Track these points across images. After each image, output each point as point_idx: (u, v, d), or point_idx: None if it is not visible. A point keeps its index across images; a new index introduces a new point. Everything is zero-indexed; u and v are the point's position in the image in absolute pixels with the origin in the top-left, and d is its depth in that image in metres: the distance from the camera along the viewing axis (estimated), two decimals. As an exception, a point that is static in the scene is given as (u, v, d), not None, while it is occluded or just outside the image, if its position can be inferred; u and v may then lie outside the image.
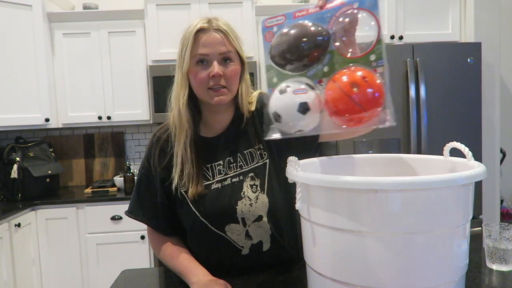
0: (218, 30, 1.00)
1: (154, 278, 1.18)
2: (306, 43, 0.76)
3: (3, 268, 2.17)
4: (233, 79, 1.02)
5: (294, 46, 0.77)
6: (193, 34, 0.98)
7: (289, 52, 0.78)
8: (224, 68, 1.00)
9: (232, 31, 1.03)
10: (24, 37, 2.60)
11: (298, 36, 0.77)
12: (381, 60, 0.73)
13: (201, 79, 0.99)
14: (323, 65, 0.78)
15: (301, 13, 0.80)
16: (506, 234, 1.02)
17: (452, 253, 0.71)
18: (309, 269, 0.81)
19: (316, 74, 0.79)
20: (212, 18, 1.02)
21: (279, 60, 0.79)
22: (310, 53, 0.77)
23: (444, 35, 2.64)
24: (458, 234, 0.71)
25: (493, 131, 2.62)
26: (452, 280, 0.72)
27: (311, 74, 0.79)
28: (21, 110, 2.60)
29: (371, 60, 0.74)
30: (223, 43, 1.00)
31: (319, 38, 0.76)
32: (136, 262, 2.54)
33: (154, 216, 1.11)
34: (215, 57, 0.99)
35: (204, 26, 0.99)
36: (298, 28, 0.78)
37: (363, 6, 0.74)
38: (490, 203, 2.61)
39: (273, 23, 0.81)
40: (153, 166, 1.08)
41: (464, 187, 0.70)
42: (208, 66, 0.99)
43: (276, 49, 0.79)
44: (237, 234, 1.05)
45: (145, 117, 2.81)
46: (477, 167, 0.72)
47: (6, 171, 2.60)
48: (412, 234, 0.68)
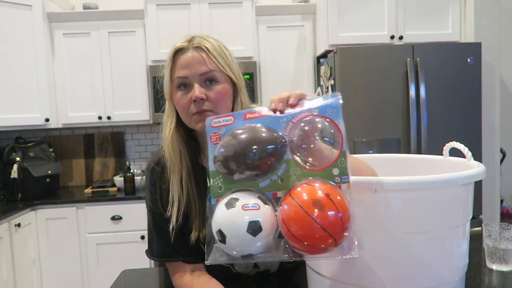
0: (197, 49, 0.90)
1: (154, 278, 1.18)
2: (258, 150, 0.66)
3: (3, 268, 2.17)
4: (220, 101, 0.91)
5: (244, 152, 0.66)
6: (171, 55, 0.91)
7: (239, 159, 0.66)
8: (208, 90, 0.89)
9: (215, 49, 0.92)
10: (24, 37, 2.60)
11: (249, 142, 0.66)
12: (346, 176, 0.64)
13: (183, 105, 0.90)
14: (278, 176, 0.68)
15: (253, 115, 0.71)
16: (506, 234, 1.02)
17: (452, 253, 0.71)
18: (309, 269, 0.81)
19: (270, 186, 0.68)
20: (197, 36, 0.93)
21: (227, 167, 0.68)
22: (263, 162, 0.66)
23: (444, 35, 2.64)
24: (458, 234, 0.72)
25: (493, 131, 2.62)
26: (452, 280, 0.72)
27: (264, 186, 0.68)
28: (21, 110, 2.60)
29: (334, 175, 0.65)
30: (203, 63, 0.89)
31: (274, 145, 0.66)
32: (136, 262, 2.53)
33: (186, 251, 0.97)
34: (196, 78, 0.89)
35: (183, 46, 0.91)
36: (250, 132, 0.68)
37: (324, 114, 0.67)
38: (490, 203, 2.61)
39: (220, 123, 0.72)
40: (165, 206, 0.96)
41: (464, 187, 0.70)
42: (189, 90, 0.90)
43: (223, 154, 0.68)
44: (245, 266, 1.03)
45: (145, 117, 2.81)
46: (477, 167, 0.72)
47: (6, 171, 2.60)
48: (411, 234, 0.68)
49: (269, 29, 2.83)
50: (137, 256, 2.55)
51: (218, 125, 0.72)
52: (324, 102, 0.68)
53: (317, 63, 2.90)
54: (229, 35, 2.68)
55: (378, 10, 2.62)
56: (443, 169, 0.89)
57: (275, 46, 2.84)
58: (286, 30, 2.84)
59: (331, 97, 0.67)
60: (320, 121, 0.66)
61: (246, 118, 0.71)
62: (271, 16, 2.83)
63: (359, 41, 2.58)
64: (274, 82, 2.86)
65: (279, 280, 1.03)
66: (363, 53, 2.36)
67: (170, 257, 0.98)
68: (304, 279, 0.86)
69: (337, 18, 2.60)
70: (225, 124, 0.71)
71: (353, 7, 2.61)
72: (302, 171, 0.67)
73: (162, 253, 0.98)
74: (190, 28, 2.67)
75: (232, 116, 0.72)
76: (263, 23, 2.82)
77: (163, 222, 0.97)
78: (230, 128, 0.71)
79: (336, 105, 0.66)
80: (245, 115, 0.71)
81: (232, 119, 0.72)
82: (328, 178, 0.64)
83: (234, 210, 0.64)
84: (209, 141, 0.72)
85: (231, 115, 0.72)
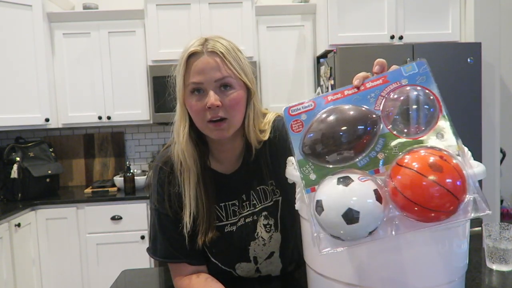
0: (212, 53, 0.87)
1: (154, 278, 1.18)
2: (350, 129, 0.64)
3: (3, 268, 2.17)
4: (235, 108, 0.89)
5: (336, 134, 0.64)
6: (185, 59, 0.88)
7: (331, 141, 0.64)
8: (223, 96, 0.87)
9: (230, 53, 0.89)
10: (24, 37, 2.60)
11: (343, 122, 0.64)
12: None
13: (198, 111, 0.88)
14: (377, 151, 0.65)
15: (335, 96, 0.68)
16: (506, 234, 1.02)
17: (451, 253, 0.71)
18: (309, 269, 0.81)
19: (370, 163, 0.65)
20: (210, 38, 0.90)
21: (316, 151, 0.65)
22: (358, 141, 0.64)
23: (444, 35, 2.64)
24: (458, 233, 0.71)
25: (493, 131, 2.62)
26: (452, 280, 0.72)
27: (363, 164, 0.65)
28: (21, 110, 2.60)
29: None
30: (218, 68, 0.86)
31: (366, 122, 0.64)
32: (136, 262, 2.53)
33: (190, 253, 0.97)
34: (210, 85, 0.86)
35: (197, 50, 0.87)
36: (341, 113, 0.65)
37: (414, 83, 0.65)
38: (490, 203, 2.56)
39: (299, 110, 0.69)
40: (174, 208, 0.96)
41: (464, 187, 0.70)
42: (204, 96, 0.87)
43: (312, 138, 0.65)
44: (246, 271, 1.03)
45: (145, 117, 2.81)
46: (477, 167, 0.72)
47: (6, 171, 2.60)
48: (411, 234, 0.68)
49: (269, 29, 2.83)
50: (137, 256, 2.55)
51: (297, 112, 0.69)
52: (410, 71, 0.66)
53: (317, 63, 2.90)
54: (229, 35, 2.64)
55: (378, 10, 2.62)
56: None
57: (275, 46, 2.84)
58: (286, 30, 2.84)
59: (415, 65, 0.65)
60: (413, 90, 0.64)
61: (328, 100, 0.68)
62: (271, 16, 2.83)
63: (359, 41, 2.58)
64: (274, 82, 2.86)
65: (279, 280, 1.03)
66: (363, 53, 2.36)
67: (174, 258, 0.97)
68: (304, 280, 0.86)
69: (337, 18, 2.60)
70: (305, 111, 0.69)
71: (353, 7, 2.61)
72: (403, 143, 0.64)
73: (166, 253, 0.97)
74: (190, 28, 2.67)
75: (312, 101, 0.69)
76: (263, 23, 2.82)
77: (169, 223, 0.96)
78: (312, 113, 0.68)
79: (425, 71, 0.65)
80: (326, 98, 0.69)
81: (313, 104, 0.69)
82: None
83: (355, 185, 0.59)
84: (290, 130, 0.68)
85: (311, 101, 0.69)
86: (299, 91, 2.88)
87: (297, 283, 1.01)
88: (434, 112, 0.64)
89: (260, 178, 0.99)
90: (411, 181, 0.57)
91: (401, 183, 0.58)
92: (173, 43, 2.67)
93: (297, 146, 0.68)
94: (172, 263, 0.99)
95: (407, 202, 0.58)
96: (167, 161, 0.98)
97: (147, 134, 3.18)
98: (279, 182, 0.99)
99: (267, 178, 0.99)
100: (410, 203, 0.58)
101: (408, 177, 0.58)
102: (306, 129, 0.67)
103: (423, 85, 0.64)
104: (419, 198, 0.57)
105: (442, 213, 0.57)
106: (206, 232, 0.93)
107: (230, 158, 1.00)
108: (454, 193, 0.56)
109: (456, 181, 0.57)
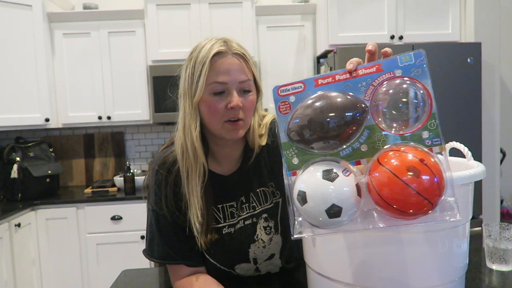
0: (237, 55, 0.89)
1: (154, 278, 1.18)
2: (337, 117, 0.62)
3: (3, 268, 2.17)
4: (250, 110, 0.91)
5: (321, 121, 0.62)
6: (210, 58, 0.86)
7: (316, 129, 0.62)
8: (243, 98, 0.88)
9: (249, 55, 0.92)
10: (24, 37, 2.60)
11: (330, 109, 0.62)
12: (437, 138, 0.61)
13: (217, 110, 0.87)
14: (360, 143, 0.64)
15: (326, 80, 0.66)
16: (506, 234, 1.02)
17: (451, 253, 0.71)
18: (309, 269, 0.81)
19: (352, 154, 0.64)
20: (226, 40, 0.91)
21: (303, 137, 0.64)
22: (344, 130, 0.62)
23: (444, 35, 2.64)
24: (458, 234, 0.71)
25: (493, 131, 2.62)
26: (451, 280, 0.72)
27: (345, 154, 0.64)
28: (21, 110, 2.60)
29: (424, 138, 0.62)
30: (243, 71, 0.88)
31: (354, 112, 0.62)
32: (136, 262, 2.53)
33: (188, 254, 0.97)
34: (234, 86, 0.87)
35: (222, 50, 0.87)
36: (329, 99, 0.63)
37: (408, 75, 0.62)
38: (490, 203, 2.61)
39: (288, 91, 0.66)
40: (171, 209, 0.95)
41: (464, 187, 0.70)
42: (225, 96, 0.87)
43: (299, 123, 0.64)
44: (246, 270, 1.03)
45: (145, 117, 2.81)
46: (477, 167, 0.72)
47: (6, 171, 2.60)
48: (411, 234, 0.68)
49: (269, 29, 2.83)
50: (137, 256, 2.54)
51: (286, 93, 0.66)
52: (407, 62, 0.63)
53: (317, 63, 2.90)
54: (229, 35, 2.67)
55: (378, 10, 2.62)
56: (443, 169, 0.89)
57: (275, 46, 2.84)
58: (286, 30, 2.84)
59: (413, 55, 0.62)
60: (404, 83, 0.62)
61: (318, 84, 0.65)
62: (271, 16, 2.83)
63: (359, 41, 2.58)
64: (274, 82, 2.85)
65: (280, 280, 1.03)
66: (363, 53, 2.35)
67: (171, 259, 0.97)
68: (304, 280, 0.86)
69: (337, 18, 2.60)
70: (294, 92, 0.66)
71: (353, 7, 2.61)
72: (388, 137, 0.63)
73: (163, 255, 0.97)
74: (190, 28, 2.67)
75: (302, 83, 0.66)
76: (263, 23, 2.82)
77: (167, 224, 0.96)
78: (301, 96, 0.66)
79: (421, 64, 0.62)
80: (316, 81, 0.66)
81: (302, 86, 0.66)
82: (418, 141, 0.62)
83: (340, 180, 0.60)
84: (278, 111, 0.67)
85: (300, 82, 0.66)
86: (299, 91, 2.87)
87: (297, 283, 1.01)
88: (424, 108, 0.61)
89: (260, 180, 0.99)
90: (386, 181, 0.58)
91: (377, 181, 0.59)
92: (173, 43, 2.67)
93: (283, 129, 0.66)
94: (170, 264, 0.99)
95: (380, 200, 0.59)
96: (165, 163, 0.97)
97: (147, 134, 3.18)
98: (279, 184, 0.99)
99: (267, 180, 0.99)
100: (383, 202, 0.59)
101: (384, 176, 0.58)
102: (293, 113, 0.65)
103: (417, 79, 0.62)
104: (392, 198, 0.58)
105: (413, 215, 0.58)
106: (206, 233, 0.93)
107: (229, 160, 1.00)
108: (428, 197, 0.56)
109: (432, 185, 0.56)
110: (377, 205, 0.60)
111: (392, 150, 0.60)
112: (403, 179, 0.56)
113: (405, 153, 0.59)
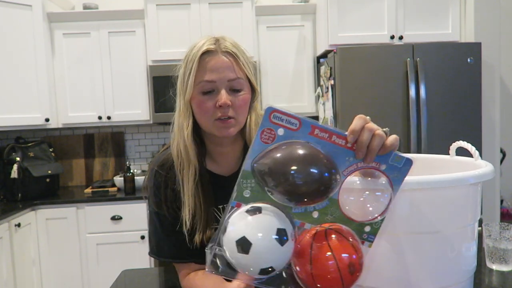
0: (226, 53, 0.88)
1: (154, 278, 1.18)
2: (312, 185, 0.59)
3: (3, 268, 2.17)
4: (242, 109, 0.90)
5: (296, 181, 0.58)
6: (198, 57, 0.87)
7: (288, 185, 0.58)
8: (233, 97, 0.88)
9: (242, 54, 0.91)
10: (24, 37, 2.60)
11: (307, 171, 0.58)
12: (373, 237, 0.65)
13: (207, 109, 0.88)
14: (314, 208, 0.64)
15: (321, 135, 0.61)
16: (506, 234, 1.02)
17: (460, 254, 0.70)
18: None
19: (302, 214, 0.64)
20: (220, 38, 0.91)
21: (270, 184, 0.60)
22: (309, 198, 0.60)
23: (444, 35, 2.64)
24: (467, 234, 0.71)
25: (493, 131, 2.62)
26: (461, 280, 0.72)
27: (296, 212, 0.64)
28: (21, 110, 2.60)
29: (364, 231, 0.65)
30: (232, 69, 0.88)
31: (328, 184, 0.60)
32: (136, 262, 2.53)
33: (195, 251, 0.97)
34: (223, 84, 0.87)
35: (211, 48, 0.87)
36: (312, 160, 0.59)
37: (389, 174, 0.63)
38: (490, 203, 2.61)
39: (281, 121, 0.60)
40: (172, 210, 0.96)
41: (473, 187, 0.70)
42: (214, 94, 0.88)
43: (271, 165, 0.59)
44: None
45: (145, 117, 2.81)
46: (485, 167, 0.71)
47: (6, 171, 2.60)
48: (419, 234, 0.67)
49: (269, 29, 2.83)
50: (137, 256, 2.55)
51: (278, 122, 0.60)
52: (396, 162, 0.62)
53: (317, 63, 2.90)
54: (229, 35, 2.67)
55: (378, 10, 2.62)
56: (449, 169, 0.88)
57: (275, 46, 2.84)
58: (286, 30, 2.84)
59: (404, 160, 0.62)
60: (380, 179, 0.63)
61: (313, 133, 0.61)
62: (271, 16, 2.83)
63: (359, 41, 2.58)
64: (274, 82, 2.86)
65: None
66: (363, 53, 2.36)
67: (181, 258, 0.98)
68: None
69: (337, 18, 2.60)
70: (286, 127, 0.60)
71: (353, 7, 2.61)
72: (340, 215, 0.65)
73: (173, 254, 0.98)
74: (190, 28, 2.67)
75: (299, 120, 0.60)
76: (263, 23, 2.82)
77: (169, 225, 0.96)
78: (291, 134, 0.60)
79: (404, 172, 0.63)
80: (313, 129, 0.60)
81: (298, 124, 0.60)
82: (358, 231, 0.65)
83: (262, 216, 0.59)
84: (259, 136, 0.60)
85: (297, 119, 0.60)
86: (299, 91, 2.88)
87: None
88: (382, 207, 0.64)
89: None
90: (314, 256, 0.61)
91: (305, 252, 0.62)
92: (173, 43, 2.67)
93: (253, 156, 0.61)
94: (178, 263, 0.99)
95: (302, 268, 0.63)
96: (164, 164, 0.97)
97: (147, 134, 3.18)
98: None
99: None
100: (303, 270, 0.63)
101: (315, 251, 0.62)
102: (272, 148, 0.60)
103: (392, 182, 0.63)
104: (315, 273, 0.61)
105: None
106: (204, 230, 0.93)
107: (228, 160, 0.99)
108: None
109: (351, 279, 0.62)
110: (297, 271, 0.64)
111: (334, 233, 0.63)
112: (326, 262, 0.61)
113: (336, 242, 0.62)
